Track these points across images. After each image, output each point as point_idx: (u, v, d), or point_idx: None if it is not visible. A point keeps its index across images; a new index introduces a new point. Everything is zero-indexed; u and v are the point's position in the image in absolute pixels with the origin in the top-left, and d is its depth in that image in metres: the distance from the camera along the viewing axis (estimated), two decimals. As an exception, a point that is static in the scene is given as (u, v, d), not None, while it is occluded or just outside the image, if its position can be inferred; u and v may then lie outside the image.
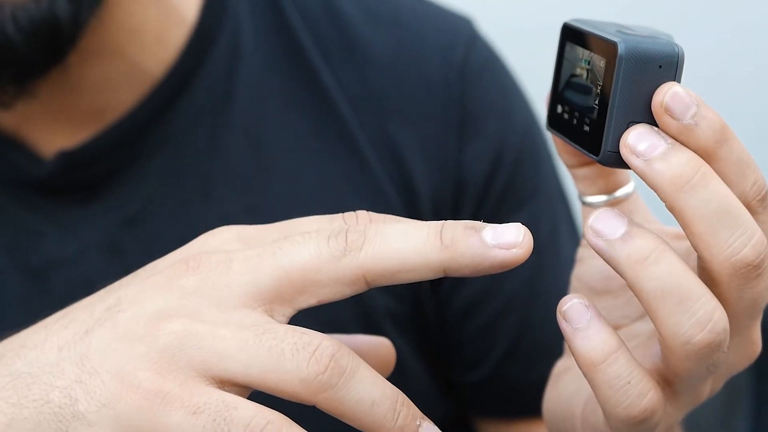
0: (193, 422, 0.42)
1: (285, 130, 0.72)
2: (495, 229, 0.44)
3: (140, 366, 0.43)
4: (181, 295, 0.44)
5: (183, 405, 0.42)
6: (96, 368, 0.44)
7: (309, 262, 0.44)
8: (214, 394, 0.42)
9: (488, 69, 0.76)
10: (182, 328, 0.43)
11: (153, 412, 0.42)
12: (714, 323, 0.42)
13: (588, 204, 0.51)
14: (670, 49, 0.43)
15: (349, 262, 0.43)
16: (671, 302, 0.42)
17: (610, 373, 0.43)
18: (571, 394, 0.51)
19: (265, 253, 0.44)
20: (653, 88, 0.43)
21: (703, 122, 0.42)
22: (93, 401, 0.43)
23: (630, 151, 0.43)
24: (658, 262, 0.42)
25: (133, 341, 0.43)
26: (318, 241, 0.44)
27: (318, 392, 0.42)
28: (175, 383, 0.42)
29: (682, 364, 0.43)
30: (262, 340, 0.42)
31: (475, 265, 0.43)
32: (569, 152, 0.50)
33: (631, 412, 0.44)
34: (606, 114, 0.44)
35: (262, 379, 0.42)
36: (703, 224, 0.42)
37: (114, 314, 0.45)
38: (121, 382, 0.43)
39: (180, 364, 0.43)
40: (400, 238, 0.43)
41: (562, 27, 0.48)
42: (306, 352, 0.42)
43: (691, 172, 0.42)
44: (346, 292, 0.44)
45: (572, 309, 0.44)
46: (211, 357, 0.43)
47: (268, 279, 0.44)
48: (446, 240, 0.43)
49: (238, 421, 0.42)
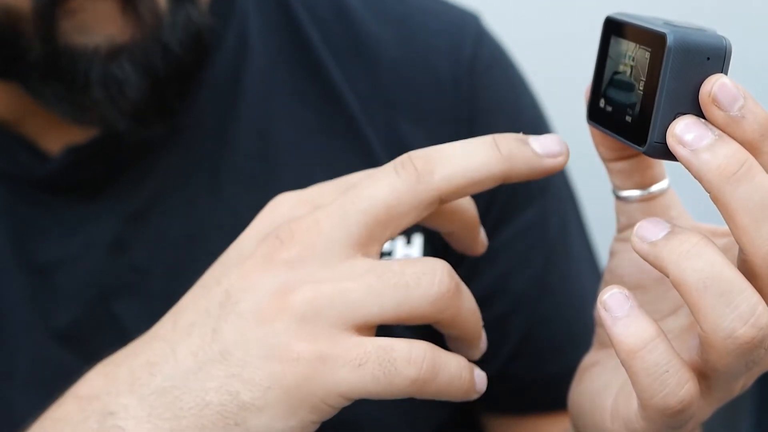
0: (362, 373, 0.45)
1: (293, 126, 0.71)
2: (539, 140, 0.48)
3: (291, 340, 0.45)
4: (289, 267, 0.46)
5: (346, 361, 0.45)
6: (244, 359, 0.45)
7: (389, 199, 0.46)
8: (366, 343, 0.45)
9: (497, 65, 0.76)
10: (310, 294, 0.45)
11: (321, 377, 0.44)
12: (757, 318, 0.42)
13: (623, 198, 0.51)
14: (718, 42, 0.43)
15: (425, 188, 0.46)
16: (713, 294, 0.42)
17: (648, 361, 0.43)
18: (600, 387, 0.51)
19: (344, 203, 0.46)
20: (701, 80, 0.43)
21: (749, 115, 0.43)
22: (255, 388, 0.45)
23: (677, 141, 0.43)
24: (700, 255, 0.43)
25: (268, 322, 0.45)
26: (388, 176, 0.46)
27: (444, 309, 0.46)
28: (328, 344, 0.45)
29: (722, 359, 0.43)
30: (384, 280, 0.45)
31: (529, 173, 0.48)
32: (607, 145, 0.50)
33: (668, 402, 0.44)
34: (652, 105, 0.44)
35: (397, 314, 0.46)
36: (748, 216, 0.42)
37: (232, 306, 0.46)
38: (278, 361, 0.44)
39: (322, 325, 0.45)
40: (465, 156, 0.47)
41: (605, 20, 0.48)
42: (427, 277, 0.45)
43: (737, 164, 0.42)
44: (424, 215, 0.47)
45: (612, 298, 0.44)
46: (347, 310, 0.45)
47: (358, 226, 0.46)
48: (505, 153, 0.47)
49: (401, 358, 0.45)
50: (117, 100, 0.63)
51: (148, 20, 0.62)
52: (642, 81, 0.45)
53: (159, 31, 0.62)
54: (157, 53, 0.62)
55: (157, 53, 0.62)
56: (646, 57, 0.44)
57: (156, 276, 0.69)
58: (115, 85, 0.62)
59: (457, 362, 0.47)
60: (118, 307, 0.68)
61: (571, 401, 0.54)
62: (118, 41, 0.61)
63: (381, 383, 0.45)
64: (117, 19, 0.61)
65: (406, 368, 0.45)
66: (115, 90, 0.62)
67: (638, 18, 0.46)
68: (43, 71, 0.62)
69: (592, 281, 0.74)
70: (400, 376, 0.45)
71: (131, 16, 0.61)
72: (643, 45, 0.45)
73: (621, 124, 0.46)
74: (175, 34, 0.63)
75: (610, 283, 0.53)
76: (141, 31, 0.62)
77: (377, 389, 0.45)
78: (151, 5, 0.62)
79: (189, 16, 0.63)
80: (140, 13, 0.62)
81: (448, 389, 0.46)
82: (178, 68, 0.64)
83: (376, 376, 0.45)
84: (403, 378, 0.45)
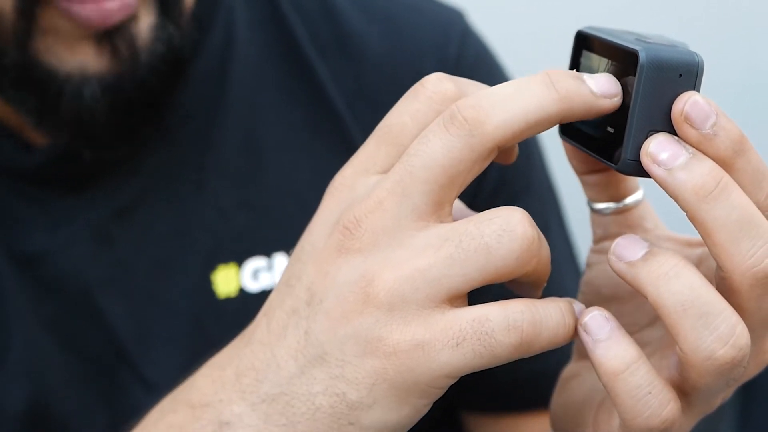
0: (462, 353, 0.43)
1: (279, 122, 0.71)
2: (596, 79, 0.44)
3: (383, 332, 0.43)
4: (364, 255, 0.44)
5: (444, 344, 0.43)
6: (342, 358, 0.44)
7: (446, 162, 0.43)
8: (461, 318, 0.43)
9: (482, 64, 0.76)
10: (391, 280, 0.43)
11: (423, 365, 0.43)
12: (736, 338, 0.42)
13: (597, 211, 0.51)
14: (690, 58, 0.43)
15: (481, 141, 0.43)
16: (692, 316, 0.42)
17: (630, 383, 0.43)
18: (580, 401, 0.51)
19: (402, 177, 0.44)
20: (673, 97, 0.43)
21: (722, 132, 0.42)
22: (361, 386, 0.44)
23: (651, 160, 0.42)
24: (679, 277, 0.42)
25: (356, 317, 0.43)
26: (440, 136, 0.43)
27: (529, 261, 0.43)
28: (421, 329, 0.43)
29: (702, 379, 0.43)
30: (462, 247, 0.43)
31: (586, 112, 0.44)
32: (580, 159, 0.49)
33: (651, 423, 0.43)
34: (625, 122, 0.43)
35: (484, 278, 0.43)
36: (725, 234, 0.42)
37: (317, 305, 0.44)
38: (377, 356, 0.43)
39: (412, 310, 0.43)
40: (518, 99, 0.43)
41: (576, 34, 0.47)
42: (507, 234, 0.43)
43: (714, 182, 0.42)
44: (486, 165, 0.44)
45: (592, 320, 0.44)
46: (432, 288, 0.43)
47: (423, 197, 0.43)
48: (562, 91, 0.43)
49: (499, 327, 0.43)
50: (84, 124, 0.62)
51: (124, 53, 0.61)
52: None
53: (135, 63, 0.62)
54: (131, 85, 0.62)
55: (130, 85, 0.62)
56: (618, 73, 0.43)
57: (140, 271, 0.69)
58: (84, 110, 0.62)
59: (557, 309, 0.44)
60: (103, 301, 0.68)
61: (552, 413, 0.54)
62: (91, 70, 0.61)
63: (484, 357, 0.43)
64: (91, 50, 0.61)
65: (506, 336, 0.43)
66: (84, 115, 0.62)
67: (610, 33, 0.45)
68: (15, 78, 0.62)
69: (573, 283, 0.73)
70: (501, 345, 0.43)
71: (106, 48, 0.61)
72: (614, 61, 0.44)
73: (594, 140, 0.46)
74: (153, 64, 0.62)
75: (587, 294, 0.52)
76: (116, 64, 0.62)
77: (482, 363, 0.43)
78: (128, 37, 0.61)
79: (170, 42, 0.63)
80: (116, 46, 0.61)
81: (554, 341, 0.44)
82: (150, 97, 0.63)
83: (478, 352, 0.43)
84: (505, 346, 0.43)
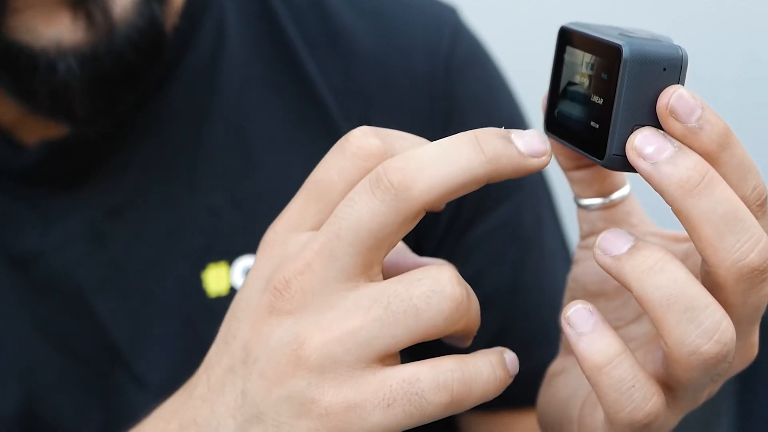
0: (394, 414, 0.43)
1: (269, 119, 0.71)
2: (523, 138, 0.44)
3: (315, 395, 0.43)
4: (294, 317, 0.44)
5: (375, 405, 0.43)
6: (277, 419, 0.44)
7: (373, 225, 0.43)
8: (390, 379, 0.43)
9: (474, 61, 0.75)
10: (322, 341, 0.43)
11: (356, 426, 0.43)
12: (721, 333, 0.42)
13: (584, 206, 0.51)
14: (674, 52, 0.43)
15: (407, 205, 0.43)
16: (677, 311, 0.42)
17: (614, 377, 0.43)
18: (566, 396, 0.51)
19: (330, 239, 0.44)
20: (657, 91, 0.42)
21: (707, 126, 0.42)
22: None
23: (637, 154, 0.42)
24: (664, 271, 0.42)
25: (289, 379, 0.44)
26: (366, 200, 0.43)
27: (458, 320, 0.44)
28: (353, 390, 0.43)
29: (686, 374, 0.43)
30: (391, 309, 0.43)
31: (513, 173, 0.44)
32: (566, 155, 0.49)
33: (635, 416, 0.43)
34: (610, 117, 0.43)
35: (412, 338, 0.43)
36: (710, 229, 0.42)
37: (252, 365, 0.45)
38: (311, 417, 0.43)
39: (343, 371, 0.43)
40: (445, 162, 0.43)
41: (559, 30, 0.47)
42: (436, 295, 0.43)
43: (699, 176, 0.42)
44: (413, 227, 0.44)
45: (576, 314, 0.44)
46: (362, 350, 0.43)
47: (350, 259, 0.44)
48: (489, 153, 0.43)
49: (428, 387, 0.43)
50: (60, 98, 0.61)
51: (100, 23, 0.60)
52: (599, 92, 0.44)
53: (112, 34, 0.61)
54: (108, 57, 0.61)
55: (107, 57, 0.61)
56: (601, 68, 0.44)
57: (133, 271, 0.69)
58: (60, 84, 0.61)
59: (488, 365, 0.45)
60: (96, 302, 0.68)
61: (539, 409, 0.54)
62: (66, 43, 0.60)
63: (414, 416, 0.43)
64: (66, 19, 0.60)
65: (437, 396, 0.43)
66: (60, 89, 0.61)
67: (593, 28, 0.45)
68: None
69: (565, 278, 0.74)
70: (432, 405, 0.43)
71: (82, 18, 0.60)
72: (598, 56, 0.44)
73: (579, 135, 0.46)
74: (131, 37, 0.61)
75: (574, 290, 0.52)
76: (92, 35, 0.60)
77: (412, 422, 0.44)
78: (104, 7, 0.60)
79: (153, 17, 0.62)
80: (92, 16, 0.60)
81: (485, 396, 0.45)
82: (129, 72, 0.62)
83: (408, 412, 0.43)
84: (436, 406, 0.43)
